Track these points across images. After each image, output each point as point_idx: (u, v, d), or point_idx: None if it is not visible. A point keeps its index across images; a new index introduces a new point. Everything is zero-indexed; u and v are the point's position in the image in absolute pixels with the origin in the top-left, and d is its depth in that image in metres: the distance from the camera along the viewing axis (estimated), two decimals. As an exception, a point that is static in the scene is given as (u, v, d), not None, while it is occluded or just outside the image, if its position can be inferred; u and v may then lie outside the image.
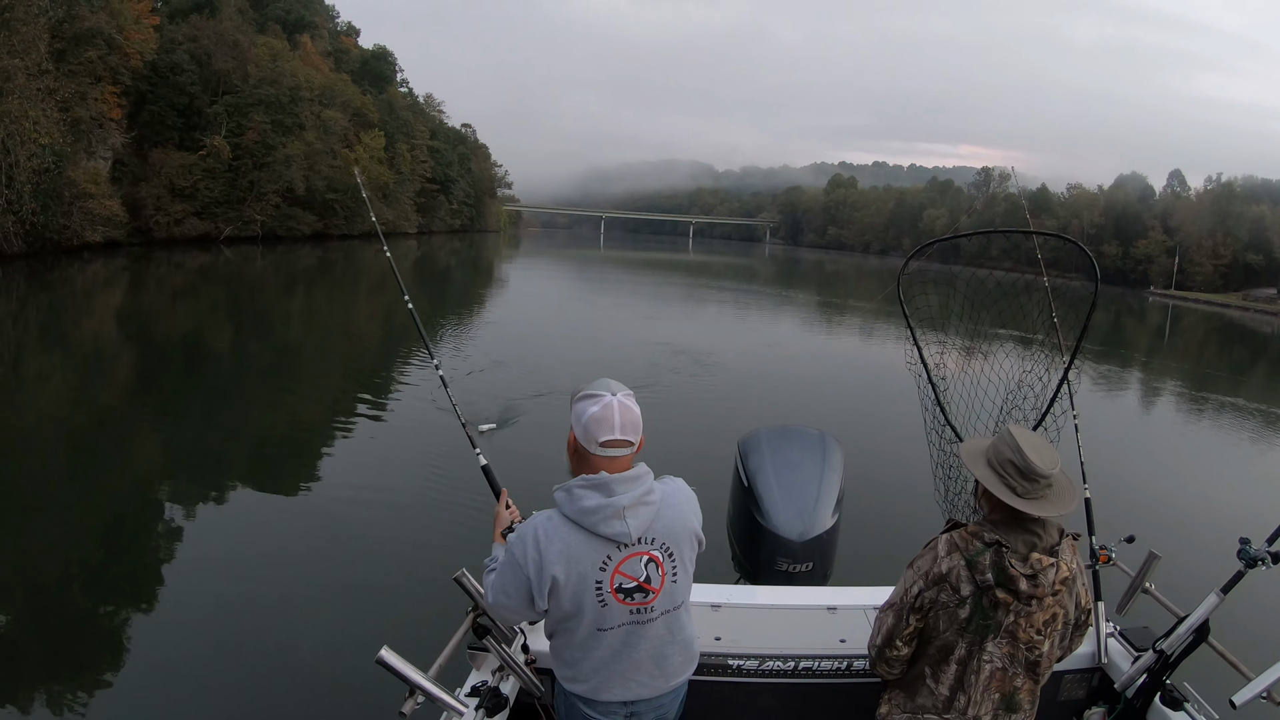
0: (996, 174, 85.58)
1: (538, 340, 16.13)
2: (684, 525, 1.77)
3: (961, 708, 1.81)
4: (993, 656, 1.79)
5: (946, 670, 1.82)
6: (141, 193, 35.25)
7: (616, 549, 1.68)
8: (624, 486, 1.66)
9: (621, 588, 1.69)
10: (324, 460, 7.82)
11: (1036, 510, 1.74)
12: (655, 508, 1.70)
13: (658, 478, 1.77)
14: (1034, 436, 1.84)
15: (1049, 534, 1.78)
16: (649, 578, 1.71)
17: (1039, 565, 1.73)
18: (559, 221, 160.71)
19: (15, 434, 8.62)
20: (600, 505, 1.65)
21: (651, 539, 1.70)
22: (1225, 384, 19.82)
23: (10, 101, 24.75)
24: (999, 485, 1.77)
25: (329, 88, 47.67)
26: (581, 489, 1.66)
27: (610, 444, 1.67)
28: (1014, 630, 1.77)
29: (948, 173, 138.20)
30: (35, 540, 5.68)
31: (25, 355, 13.28)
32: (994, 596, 1.75)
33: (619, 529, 1.65)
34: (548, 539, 1.66)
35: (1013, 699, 1.82)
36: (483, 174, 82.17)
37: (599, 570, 1.67)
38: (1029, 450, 1.76)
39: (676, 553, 1.75)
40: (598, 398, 1.70)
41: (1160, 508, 7.72)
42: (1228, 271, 64.53)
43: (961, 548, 1.79)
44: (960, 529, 1.84)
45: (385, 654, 1.67)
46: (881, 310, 27.09)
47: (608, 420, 1.67)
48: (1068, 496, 1.79)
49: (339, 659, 4.09)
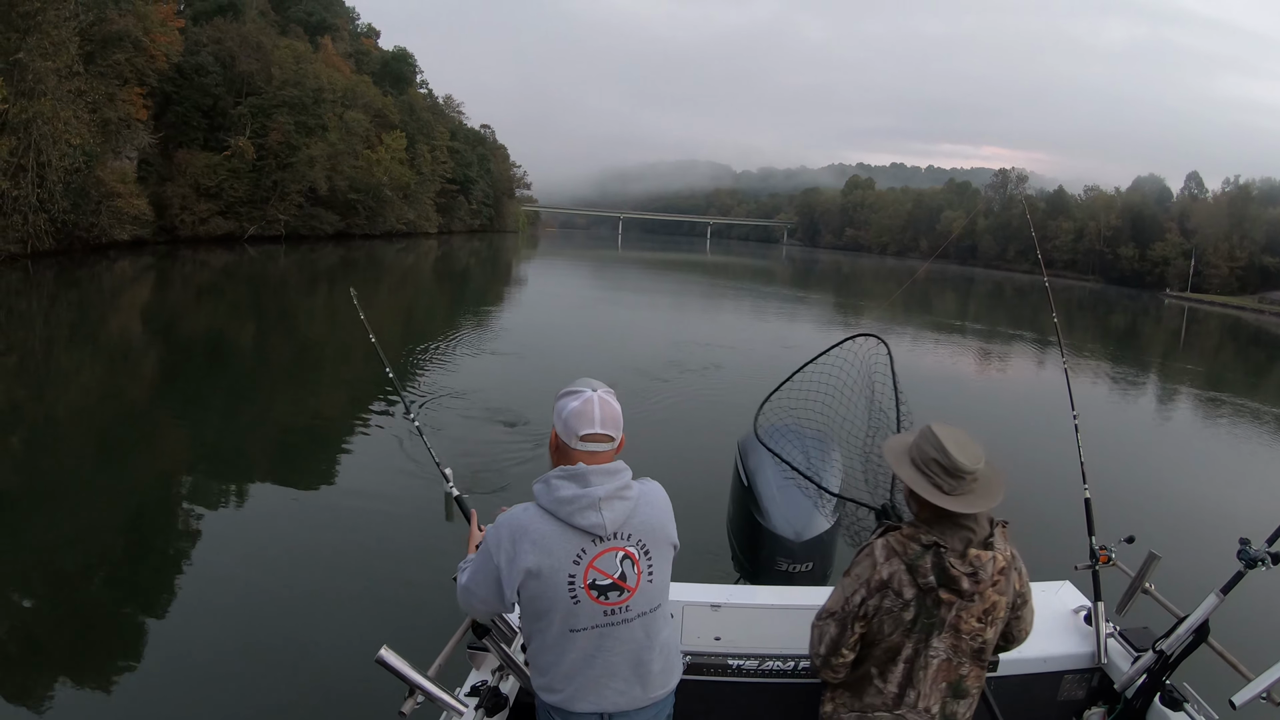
0: (1014, 175, 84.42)
1: (552, 338, 16.24)
2: (661, 526, 1.74)
3: (912, 702, 1.82)
4: (938, 651, 1.80)
5: (894, 670, 1.82)
6: (167, 192, 35.82)
7: (591, 542, 1.64)
8: (601, 478, 1.65)
9: (595, 584, 1.65)
10: (335, 459, 7.88)
11: (965, 507, 1.74)
12: (632, 503, 1.69)
13: (636, 478, 1.74)
14: (956, 432, 1.82)
15: (981, 526, 1.78)
16: (624, 575, 1.67)
17: (978, 561, 1.74)
18: (577, 222, 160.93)
19: (44, 427, 8.85)
20: (576, 495, 1.63)
21: (628, 535, 1.68)
22: (1235, 386, 19.57)
23: (43, 103, 25.28)
24: (926, 486, 1.76)
25: (351, 89, 48.17)
26: (558, 479, 1.66)
27: (590, 438, 1.67)
28: (956, 624, 1.78)
29: (966, 174, 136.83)
30: (59, 531, 5.78)
31: (55, 350, 13.58)
32: (937, 596, 1.75)
33: (594, 520, 1.63)
34: (522, 529, 1.65)
35: (959, 686, 1.83)
36: (501, 175, 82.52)
37: (572, 564, 1.63)
38: (952, 447, 1.75)
39: (654, 552, 1.71)
40: (578, 393, 1.70)
41: (1160, 508, 7.66)
42: (1244, 274, 63.92)
43: (900, 552, 1.78)
44: (895, 531, 1.83)
45: (385, 654, 1.68)
46: (893, 312, 26.88)
47: (587, 414, 1.67)
48: (995, 489, 1.80)
49: (339, 658, 4.08)
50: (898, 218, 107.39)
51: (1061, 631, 2.52)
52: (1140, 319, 41.48)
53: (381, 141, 50.33)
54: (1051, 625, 2.55)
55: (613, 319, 21.97)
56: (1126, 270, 71.65)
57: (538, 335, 17.08)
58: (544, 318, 21.57)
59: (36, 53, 24.97)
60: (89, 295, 21.83)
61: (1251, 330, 41.21)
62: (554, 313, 23.16)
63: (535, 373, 12.01)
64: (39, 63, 25.07)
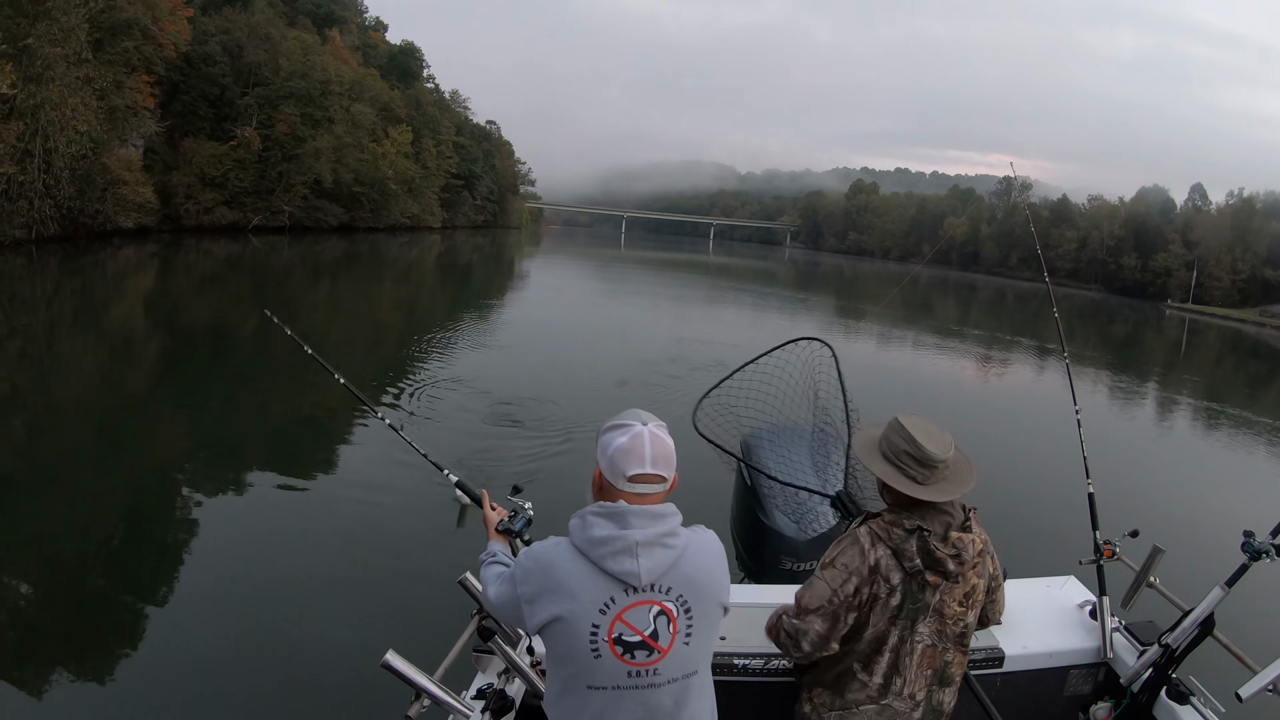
0: (1019, 183, 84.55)
1: (554, 334, 16.24)
2: (709, 581, 1.52)
3: (898, 690, 1.83)
4: (923, 636, 1.82)
5: (879, 660, 1.83)
6: (172, 181, 35.82)
7: (623, 591, 1.44)
8: (641, 520, 1.45)
9: (621, 639, 1.44)
10: (337, 450, 7.81)
11: (939, 496, 1.77)
12: (677, 552, 1.48)
13: (688, 524, 1.55)
14: (924, 422, 1.84)
15: (957, 511, 1.82)
16: (656, 633, 1.46)
17: (961, 543, 1.77)
18: (580, 220, 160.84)
19: (45, 413, 8.83)
20: (610, 536, 1.44)
21: (666, 588, 1.47)
22: (1236, 394, 19.71)
23: (51, 89, 25.33)
24: (899, 478, 1.79)
25: (358, 82, 48.15)
26: (594, 516, 1.48)
27: (639, 479, 1.48)
28: (941, 608, 1.81)
29: (970, 180, 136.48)
30: (58, 518, 5.74)
31: (58, 336, 13.57)
32: (923, 579, 1.78)
33: (628, 567, 1.43)
34: (550, 565, 1.48)
35: (944, 673, 1.85)
36: (506, 171, 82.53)
37: (598, 613, 1.44)
38: (922, 437, 1.78)
39: (696, 610, 1.49)
40: (626, 428, 1.51)
41: (1164, 502, 7.68)
42: (1245, 286, 64.31)
43: (884, 538, 1.80)
44: (875, 519, 1.85)
45: (391, 658, 1.67)
46: (894, 316, 26.84)
47: (637, 452, 1.48)
48: (966, 475, 1.83)
49: (344, 661, 4.02)
50: (901, 222, 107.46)
51: (1067, 626, 2.53)
52: (1141, 329, 41.50)
53: (387, 135, 50.34)
54: (1057, 620, 2.56)
55: (615, 317, 21.99)
56: (1129, 280, 71.76)
57: (540, 330, 17.09)
58: (546, 314, 21.55)
59: (46, 39, 25.00)
60: (92, 282, 21.84)
61: (1251, 342, 41.22)
62: (555, 310, 23.14)
63: (541, 367, 12.07)
64: (48, 49, 25.11)
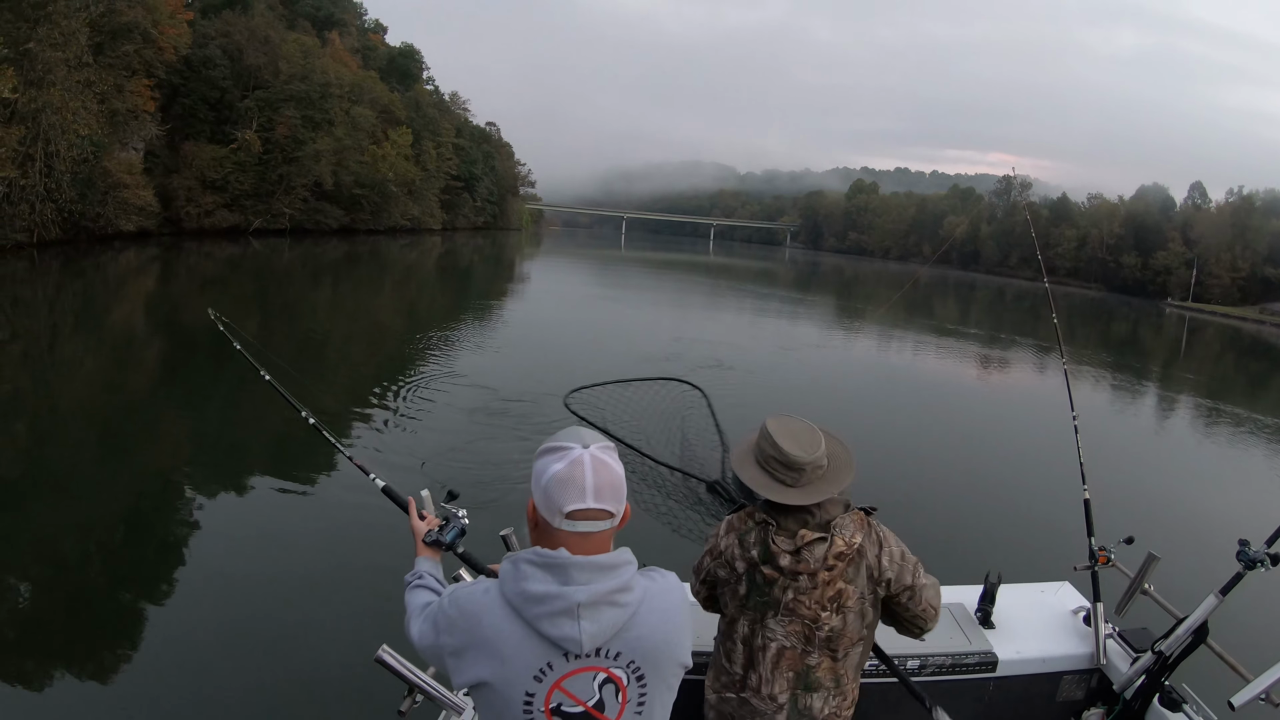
0: (1018, 182, 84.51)
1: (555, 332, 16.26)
2: (665, 644, 1.27)
3: (755, 686, 1.82)
4: (776, 634, 1.79)
5: (736, 649, 1.85)
6: (173, 184, 35.88)
7: (562, 657, 1.21)
8: (586, 575, 1.19)
9: (560, 709, 1.22)
10: (334, 457, 7.71)
11: (808, 498, 1.75)
12: (627, 612, 1.22)
13: (642, 568, 1.29)
14: (790, 422, 1.82)
15: (826, 511, 1.77)
16: (602, 703, 1.23)
17: (802, 541, 1.74)
18: (580, 221, 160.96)
19: (47, 416, 8.88)
20: (547, 594, 1.19)
21: (615, 654, 1.23)
22: (1235, 394, 19.69)
23: (52, 93, 25.38)
24: (769, 484, 1.77)
25: (358, 84, 48.19)
26: (530, 565, 1.21)
27: (580, 514, 1.20)
28: (795, 608, 1.77)
29: (970, 180, 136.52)
30: (60, 520, 5.79)
31: (59, 339, 13.62)
32: (763, 573, 1.78)
33: (567, 631, 1.18)
34: (476, 619, 1.23)
35: (809, 677, 1.80)
36: (506, 172, 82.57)
37: (532, 680, 1.20)
38: (785, 441, 1.76)
39: (650, 676, 1.26)
40: (563, 451, 1.22)
41: (1160, 509, 7.68)
42: (1245, 284, 64.29)
43: (738, 527, 1.84)
44: (742, 509, 1.87)
45: (384, 653, 1.66)
46: (894, 316, 26.84)
47: (576, 482, 1.20)
48: (841, 473, 1.80)
49: (338, 657, 4.04)
50: (901, 222, 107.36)
51: (1060, 632, 2.54)
52: (1141, 327, 41.49)
53: (387, 137, 50.42)
54: (1050, 626, 2.57)
55: (615, 317, 21.95)
56: (1129, 279, 71.73)
57: (540, 330, 17.10)
58: (546, 315, 21.58)
59: (46, 43, 25.05)
60: (94, 285, 21.89)
61: (1250, 340, 41.21)
62: (555, 311, 23.16)
63: (541, 367, 12.04)
64: (49, 53, 25.15)
